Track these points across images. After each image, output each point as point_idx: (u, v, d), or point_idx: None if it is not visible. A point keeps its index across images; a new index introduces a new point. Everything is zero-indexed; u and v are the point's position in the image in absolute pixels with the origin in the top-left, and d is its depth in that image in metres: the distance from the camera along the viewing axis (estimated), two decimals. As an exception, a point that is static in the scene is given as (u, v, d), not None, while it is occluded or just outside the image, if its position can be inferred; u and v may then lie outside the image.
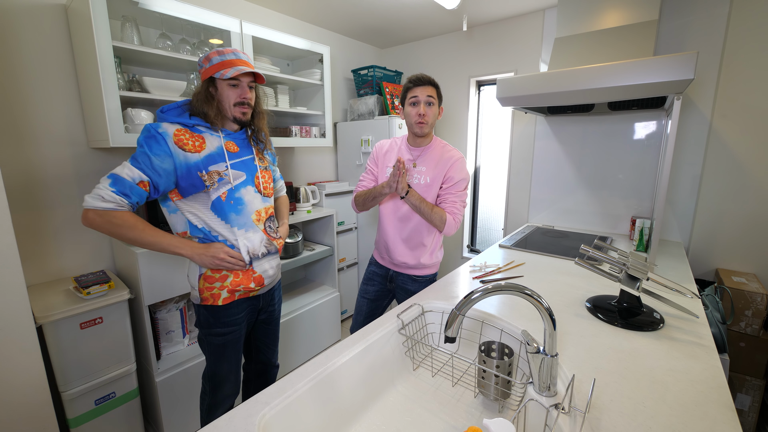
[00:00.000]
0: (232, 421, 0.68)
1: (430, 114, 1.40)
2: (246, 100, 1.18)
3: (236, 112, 1.18)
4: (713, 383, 0.77)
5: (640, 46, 1.58)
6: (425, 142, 1.48)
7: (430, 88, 1.38)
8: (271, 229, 1.30)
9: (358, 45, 2.96)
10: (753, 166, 1.77)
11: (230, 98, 1.16)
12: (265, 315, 1.40)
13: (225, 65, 1.11)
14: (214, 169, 1.14)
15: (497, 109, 2.74)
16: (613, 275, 1.11)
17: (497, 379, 0.82)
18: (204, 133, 1.16)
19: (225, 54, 1.13)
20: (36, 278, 1.52)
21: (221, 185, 1.16)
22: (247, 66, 1.14)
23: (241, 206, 1.19)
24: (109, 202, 1.01)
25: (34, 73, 1.46)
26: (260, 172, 1.27)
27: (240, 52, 1.16)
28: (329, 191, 2.54)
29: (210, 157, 1.14)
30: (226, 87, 1.14)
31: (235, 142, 1.22)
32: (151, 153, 1.04)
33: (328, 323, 2.46)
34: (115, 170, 1.03)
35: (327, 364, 0.84)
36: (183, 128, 1.12)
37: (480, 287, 0.70)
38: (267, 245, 1.27)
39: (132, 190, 1.03)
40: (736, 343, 1.63)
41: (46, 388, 1.19)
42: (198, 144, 1.13)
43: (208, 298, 1.20)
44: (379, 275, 1.61)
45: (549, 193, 2.41)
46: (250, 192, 1.22)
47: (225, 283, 1.20)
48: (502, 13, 2.37)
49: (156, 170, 1.05)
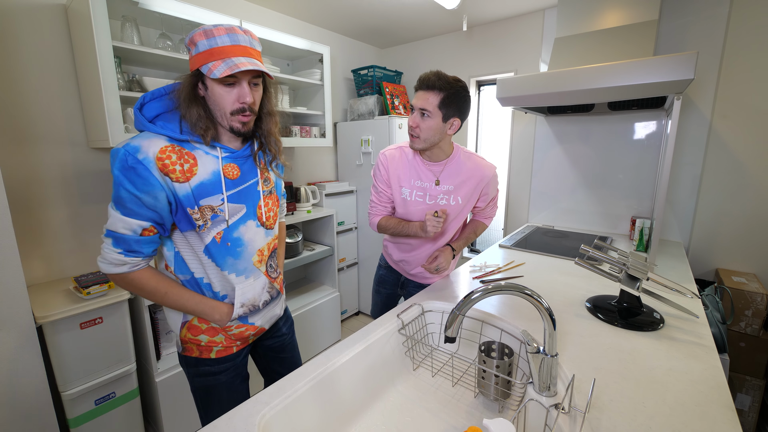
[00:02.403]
0: (232, 421, 0.68)
1: (424, 127, 1.12)
2: (247, 105, 0.83)
3: (234, 122, 0.84)
4: (713, 383, 0.77)
5: (640, 46, 1.58)
6: (442, 155, 1.22)
7: (430, 94, 1.10)
8: (272, 268, 1.03)
9: (358, 45, 2.96)
10: (753, 166, 1.77)
11: (225, 103, 0.82)
12: (272, 341, 1.12)
13: (215, 55, 0.77)
14: (206, 203, 0.85)
15: (497, 109, 2.74)
16: (613, 275, 1.11)
17: (497, 379, 0.82)
18: (197, 151, 0.84)
19: (215, 36, 0.77)
20: (36, 278, 1.52)
21: (215, 224, 0.87)
22: (249, 57, 0.80)
23: (241, 248, 0.92)
24: (121, 265, 0.81)
25: (34, 73, 1.46)
26: (263, 199, 0.97)
27: (239, 31, 0.80)
28: (329, 191, 2.54)
29: (202, 187, 0.84)
30: (218, 87, 0.81)
31: (237, 164, 0.91)
32: (137, 191, 0.77)
33: (328, 323, 2.46)
34: (108, 225, 0.79)
35: (327, 364, 0.84)
36: (170, 145, 0.80)
37: (480, 287, 0.70)
38: (269, 290, 1.01)
39: (140, 245, 0.80)
40: (736, 343, 1.63)
41: (46, 388, 1.19)
42: (187, 168, 0.81)
43: (192, 350, 0.95)
44: (389, 281, 1.51)
45: (549, 193, 2.41)
46: (251, 228, 0.93)
47: (215, 339, 0.95)
48: (502, 13, 2.37)
49: (153, 210, 0.80)
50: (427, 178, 1.24)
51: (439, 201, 1.25)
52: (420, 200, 1.26)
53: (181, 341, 0.96)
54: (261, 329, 1.02)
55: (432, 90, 1.10)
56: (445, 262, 1.26)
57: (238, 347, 1.00)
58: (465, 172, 1.24)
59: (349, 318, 2.91)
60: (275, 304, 1.05)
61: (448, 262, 1.28)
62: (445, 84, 1.09)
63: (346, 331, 2.70)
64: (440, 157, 1.24)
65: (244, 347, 1.03)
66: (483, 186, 1.26)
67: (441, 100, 1.10)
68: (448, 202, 1.25)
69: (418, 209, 1.27)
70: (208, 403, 1.00)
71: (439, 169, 1.24)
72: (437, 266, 1.25)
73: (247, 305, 0.95)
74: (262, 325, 1.01)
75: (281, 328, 1.14)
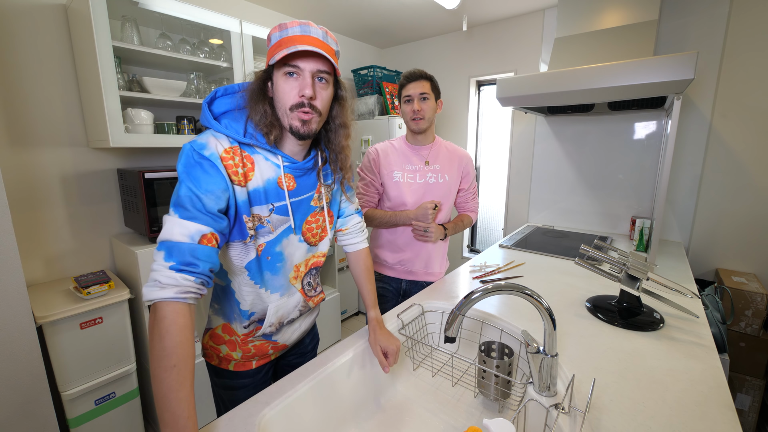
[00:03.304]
0: (232, 421, 0.68)
1: (426, 108, 1.34)
2: (307, 99, 0.74)
3: (293, 119, 0.75)
4: (713, 383, 0.77)
5: (640, 46, 1.58)
6: (428, 139, 1.42)
7: (422, 82, 1.32)
8: (310, 286, 0.95)
9: (358, 45, 2.96)
10: (753, 166, 1.77)
11: (286, 97, 0.74)
12: (295, 358, 1.06)
13: (283, 45, 0.71)
14: (257, 212, 0.79)
15: (497, 109, 2.74)
16: (613, 275, 1.11)
17: (497, 379, 0.82)
18: (257, 155, 0.78)
19: (288, 28, 0.72)
20: (36, 278, 1.52)
21: (260, 235, 0.81)
22: (315, 45, 0.71)
23: (280, 263, 0.86)
24: (167, 288, 0.64)
25: (34, 73, 1.46)
26: (312, 216, 0.90)
27: (313, 25, 0.74)
28: (329, 191, 2.54)
29: (256, 194, 0.78)
30: (281, 80, 0.74)
31: (295, 176, 0.83)
32: (200, 191, 0.69)
33: (328, 323, 2.46)
34: (161, 235, 0.67)
35: (327, 364, 0.84)
36: (232, 146, 0.75)
37: (480, 287, 0.70)
38: (302, 308, 0.94)
39: (195, 255, 0.66)
40: (736, 343, 1.63)
41: (46, 388, 1.19)
42: (244, 172, 0.76)
43: (213, 358, 0.93)
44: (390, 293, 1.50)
45: (549, 193, 2.41)
46: (292, 242, 0.87)
47: (232, 353, 0.90)
48: (502, 13, 2.37)
49: (215, 215, 0.70)
50: (417, 161, 1.42)
51: (428, 179, 1.41)
52: (411, 181, 1.41)
53: (203, 347, 0.94)
54: (284, 346, 0.96)
55: (422, 79, 1.33)
56: (435, 230, 1.33)
57: (257, 362, 0.94)
58: (447, 154, 1.44)
59: (349, 318, 2.91)
60: (303, 319, 0.99)
61: (437, 232, 1.35)
62: (425, 74, 1.35)
63: (346, 331, 2.70)
64: (428, 140, 1.43)
65: (265, 363, 0.96)
66: (463, 166, 1.45)
67: (431, 85, 1.35)
68: (436, 180, 1.41)
69: (411, 189, 1.41)
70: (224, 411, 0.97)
71: (426, 152, 1.43)
72: (426, 228, 1.32)
73: (275, 324, 0.89)
74: (285, 341, 0.95)
75: (307, 345, 1.08)
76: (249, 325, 0.88)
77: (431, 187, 1.40)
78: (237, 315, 0.87)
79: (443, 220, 1.45)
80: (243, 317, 0.87)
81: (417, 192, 1.40)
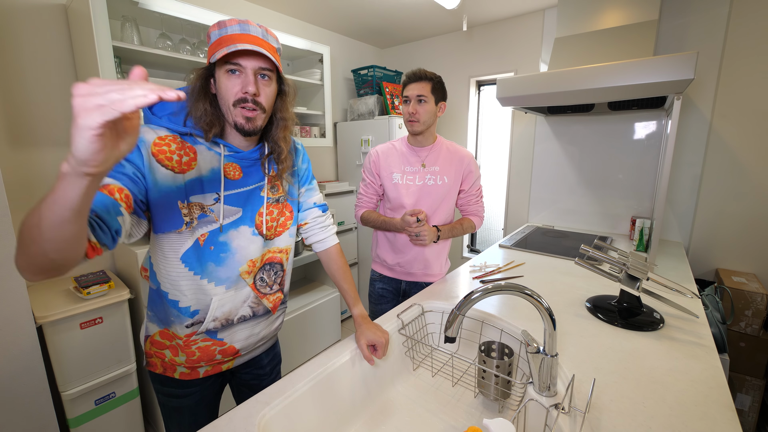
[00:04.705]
0: (232, 421, 0.68)
1: (422, 111, 1.31)
2: (250, 96, 0.76)
3: (237, 116, 0.77)
4: (713, 383, 0.77)
5: (640, 46, 1.58)
6: (428, 141, 1.40)
7: (422, 84, 1.30)
8: (264, 282, 0.90)
9: (358, 45, 2.96)
10: (753, 166, 1.77)
11: (228, 93, 0.76)
12: (249, 375, 1.00)
13: (222, 43, 0.73)
14: (197, 200, 0.79)
15: (497, 109, 2.74)
16: (613, 275, 1.11)
17: (497, 379, 0.82)
18: (199, 146, 0.80)
19: (227, 26, 0.75)
20: (36, 278, 1.52)
21: (202, 224, 0.80)
22: (256, 43, 0.73)
23: (225, 254, 0.83)
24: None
25: (34, 73, 1.46)
26: (266, 207, 0.89)
27: (251, 23, 0.76)
28: (329, 191, 2.54)
29: (196, 183, 0.79)
30: (223, 77, 0.76)
31: (241, 165, 0.85)
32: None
33: (328, 323, 2.45)
34: None
35: (327, 364, 0.84)
36: (171, 135, 0.77)
37: (480, 287, 0.70)
38: (253, 305, 0.89)
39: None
40: (736, 343, 1.63)
41: (46, 388, 1.19)
42: (186, 161, 0.78)
43: (156, 366, 0.88)
44: (389, 293, 1.50)
45: (549, 193, 2.41)
46: (244, 234, 0.85)
47: (175, 359, 0.85)
48: (502, 13, 2.37)
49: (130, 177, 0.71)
50: (416, 163, 1.41)
51: (427, 182, 1.39)
52: (410, 182, 1.40)
53: (145, 355, 0.90)
54: (231, 348, 0.89)
55: (423, 80, 1.31)
56: (428, 233, 1.28)
57: (206, 372, 0.89)
58: (447, 155, 1.41)
59: (349, 318, 2.91)
60: (257, 323, 0.92)
61: (430, 234, 1.30)
62: (431, 75, 1.32)
63: (346, 331, 2.70)
64: (428, 142, 1.41)
65: (214, 374, 0.91)
66: (464, 166, 1.41)
67: (432, 87, 1.31)
68: (435, 182, 1.39)
69: (410, 191, 1.40)
70: (171, 421, 0.94)
71: (425, 154, 1.41)
72: (418, 233, 1.28)
73: (220, 319, 0.84)
74: (233, 343, 0.88)
75: (263, 363, 1.01)
76: (192, 324, 0.83)
77: (430, 189, 1.38)
78: (176, 316, 0.83)
79: (441, 222, 1.42)
80: (184, 315, 0.82)
81: (415, 194, 1.38)
